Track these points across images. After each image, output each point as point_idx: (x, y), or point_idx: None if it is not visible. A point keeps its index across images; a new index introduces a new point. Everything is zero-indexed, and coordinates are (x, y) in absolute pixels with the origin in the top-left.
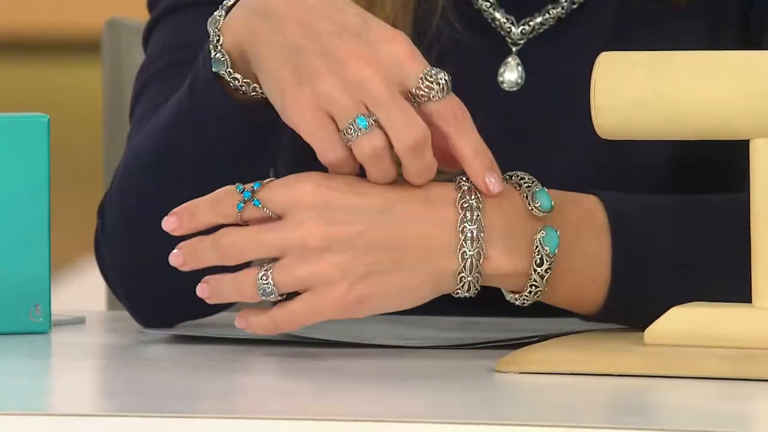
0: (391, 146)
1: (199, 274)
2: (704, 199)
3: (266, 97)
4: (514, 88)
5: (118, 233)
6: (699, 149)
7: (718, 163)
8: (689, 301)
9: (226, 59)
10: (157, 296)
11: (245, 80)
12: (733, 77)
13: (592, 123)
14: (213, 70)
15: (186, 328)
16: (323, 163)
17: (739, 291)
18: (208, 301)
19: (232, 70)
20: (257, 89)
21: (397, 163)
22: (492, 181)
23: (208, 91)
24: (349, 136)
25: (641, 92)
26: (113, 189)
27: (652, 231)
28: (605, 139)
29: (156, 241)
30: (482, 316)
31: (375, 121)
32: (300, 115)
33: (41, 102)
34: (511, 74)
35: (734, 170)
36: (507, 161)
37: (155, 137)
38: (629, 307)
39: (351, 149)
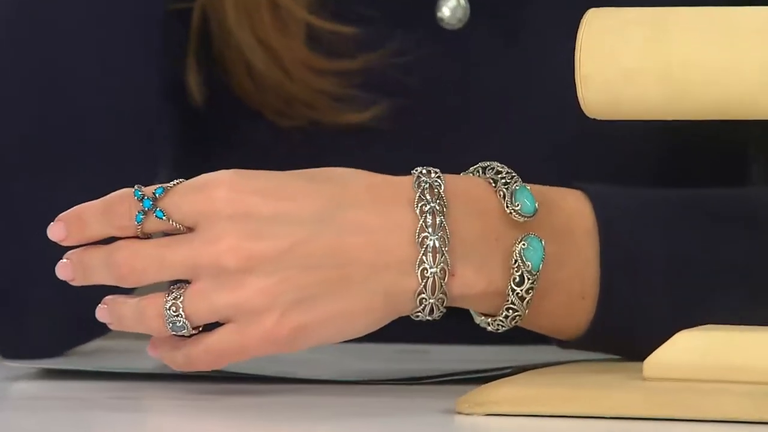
0: None
1: (88, 289)
2: (711, 193)
3: None
4: (456, 26)
5: None
6: (706, 129)
7: (728, 147)
8: (698, 323)
9: None
10: (26, 319)
11: None
12: (756, 40)
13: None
14: None
15: (67, 360)
16: None
17: (757, 309)
18: (112, 328)
19: None
20: None
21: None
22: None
23: None
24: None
25: (640, 59)
26: None
27: (648, 233)
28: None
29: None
30: (440, 342)
31: None
32: None
33: None
34: (451, 9)
35: (750, 158)
36: (455, 134)
37: None
38: (621, 330)
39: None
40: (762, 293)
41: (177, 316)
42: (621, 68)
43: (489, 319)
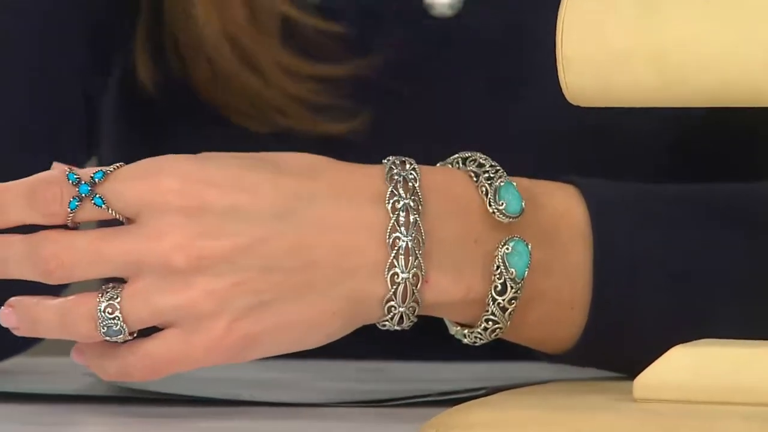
0: None
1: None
2: (715, 189)
3: None
4: (448, 14)
5: None
6: (707, 119)
7: (733, 138)
8: (700, 335)
9: None
10: None
11: None
12: (761, 17)
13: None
14: None
15: None
16: None
17: (764, 319)
18: (17, 333)
19: None
20: None
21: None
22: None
23: None
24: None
25: (630, 39)
26: None
27: (647, 235)
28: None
29: None
30: (404, 359)
31: None
32: None
33: None
34: None
35: (759, 149)
36: (443, 126)
37: None
38: (615, 343)
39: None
40: None
41: (113, 318)
42: (608, 49)
43: (465, 331)
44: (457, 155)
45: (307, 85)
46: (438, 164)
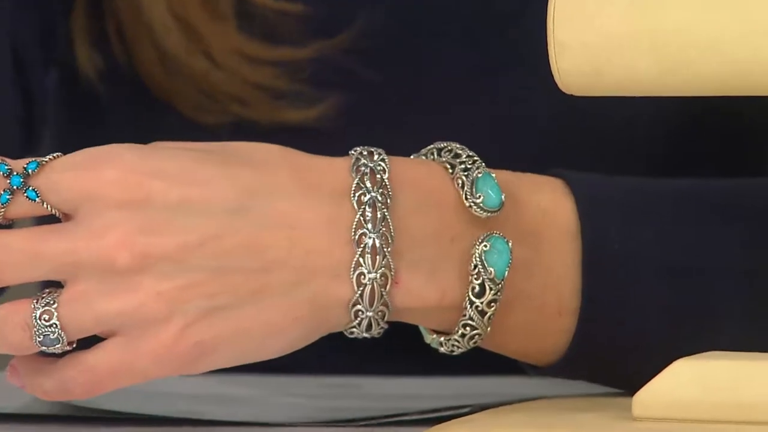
0: None
1: None
2: (716, 185)
3: None
4: None
5: None
6: (711, 107)
7: (738, 129)
8: (702, 346)
9: None
10: None
11: None
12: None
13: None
14: None
15: None
16: None
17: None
18: None
19: None
20: None
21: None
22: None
23: None
24: None
25: (627, 23)
26: None
27: (642, 234)
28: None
29: None
30: (379, 373)
31: None
32: None
33: None
34: None
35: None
36: (417, 114)
37: None
38: (607, 354)
39: None
40: None
41: (50, 326)
42: (604, 34)
43: (442, 338)
44: (431, 146)
45: (266, 70)
46: (412, 156)
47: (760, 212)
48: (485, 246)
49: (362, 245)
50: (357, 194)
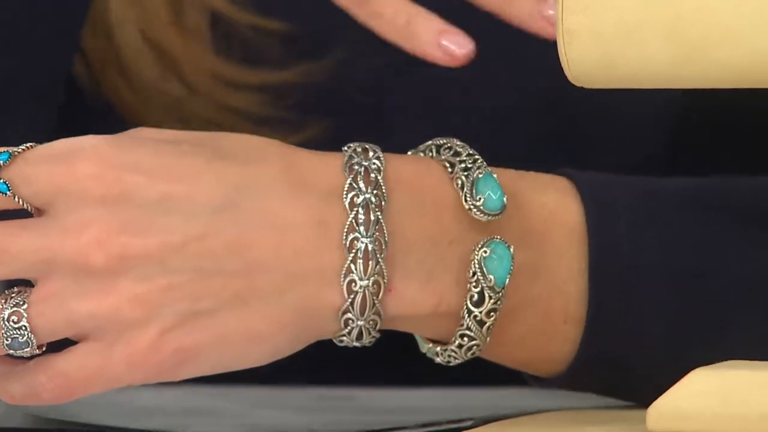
0: None
1: None
2: (735, 184)
3: None
4: None
5: None
6: (731, 101)
7: (761, 124)
8: (716, 356)
9: None
10: None
11: None
12: None
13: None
14: None
15: None
16: None
17: None
18: None
19: None
20: None
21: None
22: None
23: None
24: None
25: (642, 9)
26: None
27: (654, 238)
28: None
29: None
30: (374, 384)
31: None
32: None
33: None
34: None
35: None
36: (409, 137)
37: None
38: (616, 365)
39: None
40: None
41: (19, 328)
42: (616, 21)
43: (438, 348)
44: (430, 142)
45: (246, 96)
46: (409, 152)
47: None
48: (485, 251)
49: (354, 250)
50: (349, 195)
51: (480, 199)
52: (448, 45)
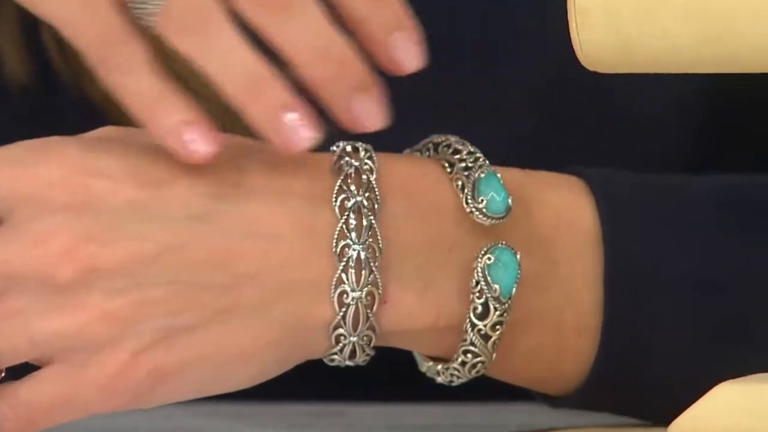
0: None
1: None
2: (760, 183)
3: None
4: None
5: None
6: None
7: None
8: (740, 370)
9: None
10: None
11: None
12: None
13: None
14: None
15: None
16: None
17: None
18: None
19: None
20: None
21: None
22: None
23: None
24: None
25: None
26: None
27: (674, 243)
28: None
29: None
30: (369, 399)
31: None
32: None
33: None
34: None
35: None
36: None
37: None
38: (633, 380)
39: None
40: None
41: None
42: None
43: (440, 366)
44: (427, 140)
45: None
46: (405, 151)
47: None
48: (489, 259)
49: (345, 258)
50: (339, 198)
51: (482, 200)
52: (189, 137)
